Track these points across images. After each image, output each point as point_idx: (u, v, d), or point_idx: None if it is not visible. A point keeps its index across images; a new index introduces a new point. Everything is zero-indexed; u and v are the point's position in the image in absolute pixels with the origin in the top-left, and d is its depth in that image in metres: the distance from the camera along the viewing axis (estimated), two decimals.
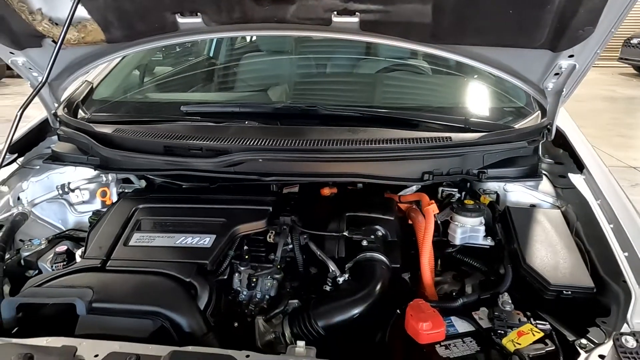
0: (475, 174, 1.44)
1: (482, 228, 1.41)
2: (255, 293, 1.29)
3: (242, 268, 1.31)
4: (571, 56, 1.22)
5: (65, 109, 1.73)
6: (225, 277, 1.31)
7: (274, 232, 1.36)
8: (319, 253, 1.30)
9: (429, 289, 1.30)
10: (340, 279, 1.23)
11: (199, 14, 1.34)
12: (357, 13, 1.30)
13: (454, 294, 1.30)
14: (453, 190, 1.57)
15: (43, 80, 1.25)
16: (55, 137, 1.78)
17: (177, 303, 1.09)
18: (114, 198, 1.63)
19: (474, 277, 1.37)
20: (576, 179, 1.48)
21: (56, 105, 1.69)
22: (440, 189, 1.59)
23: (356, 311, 1.13)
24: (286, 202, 1.47)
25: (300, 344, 0.98)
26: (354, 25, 1.34)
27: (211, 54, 2.85)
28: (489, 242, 1.41)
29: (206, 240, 1.25)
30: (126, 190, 1.66)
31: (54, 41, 1.38)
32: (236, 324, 1.21)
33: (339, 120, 1.60)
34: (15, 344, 0.97)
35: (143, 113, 1.85)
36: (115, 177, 1.69)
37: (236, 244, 1.33)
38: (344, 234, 1.32)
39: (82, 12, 1.33)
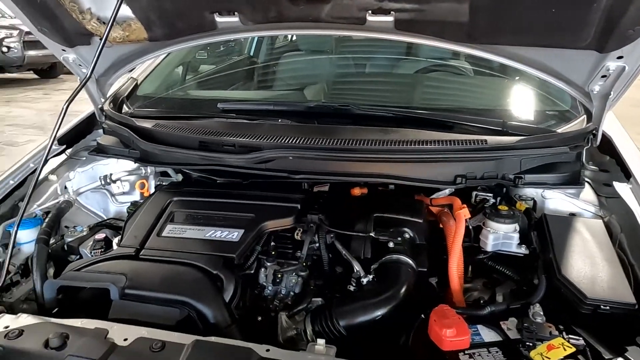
0: (512, 179, 1.38)
1: (516, 235, 1.35)
2: (280, 289, 1.30)
3: (268, 263, 1.33)
4: (620, 57, 1.15)
5: (111, 104, 1.82)
6: (252, 271, 1.33)
7: (301, 229, 1.37)
8: (344, 252, 1.30)
9: (457, 295, 1.27)
10: (365, 280, 1.22)
11: (236, 13, 1.38)
12: (391, 12, 1.28)
13: (481, 301, 1.26)
14: (487, 195, 1.52)
15: (88, 76, 1.32)
16: (101, 131, 1.88)
17: (204, 294, 1.12)
18: (152, 190, 1.70)
19: (505, 285, 1.33)
20: (622, 188, 1.39)
21: (102, 100, 1.79)
22: (474, 193, 1.54)
23: (379, 313, 1.12)
24: (315, 200, 1.47)
25: (321, 341, 0.98)
26: (388, 24, 1.32)
27: (251, 53, 2.91)
28: (523, 250, 1.35)
29: (234, 235, 1.28)
30: (163, 183, 1.73)
31: (101, 39, 1.46)
32: (260, 318, 1.23)
33: (372, 120, 1.59)
34: (54, 323, 1.03)
35: (182, 109, 1.92)
36: (154, 170, 1.76)
37: (263, 239, 1.35)
38: (371, 234, 1.31)
39: (127, 11, 1.40)
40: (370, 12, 1.30)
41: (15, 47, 9.23)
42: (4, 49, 9.15)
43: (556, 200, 1.47)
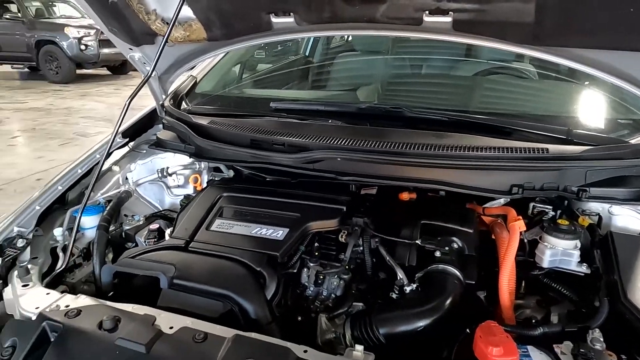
0: (575, 192, 1.29)
1: (577, 253, 1.25)
2: (322, 290, 1.30)
3: (311, 264, 1.33)
4: None
5: (171, 100, 1.90)
6: (295, 271, 1.34)
7: (345, 232, 1.36)
8: (388, 258, 1.27)
9: (506, 312, 1.20)
10: (408, 288, 1.19)
11: (291, 13, 1.39)
12: (450, 12, 1.24)
13: (533, 321, 1.18)
14: (547, 208, 1.42)
15: (149, 73, 1.39)
16: (161, 125, 1.98)
17: (246, 290, 1.14)
18: (204, 184, 1.76)
19: (562, 305, 1.23)
20: None
21: (164, 96, 1.88)
22: (532, 204, 1.44)
23: (421, 324, 1.08)
24: (362, 203, 1.46)
25: (359, 348, 0.96)
26: (446, 25, 1.28)
27: (307, 53, 2.93)
28: (583, 269, 1.25)
29: (279, 233, 1.29)
30: (215, 179, 1.78)
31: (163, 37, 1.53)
32: (300, 318, 1.23)
33: (426, 123, 1.54)
34: (108, 306, 1.10)
35: (237, 107, 1.97)
36: (207, 165, 1.82)
37: (308, 239, 1.35)
38: (417, 242, 1.28)
39: (188, 12, 1.46)
40: (427, 12, 1.27)
41: (92, 45, 10.01)
42: (82, 47, 9.94)
43: (625, 218, 1.34)
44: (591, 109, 1.69)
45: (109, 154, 1.41)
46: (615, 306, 1.09)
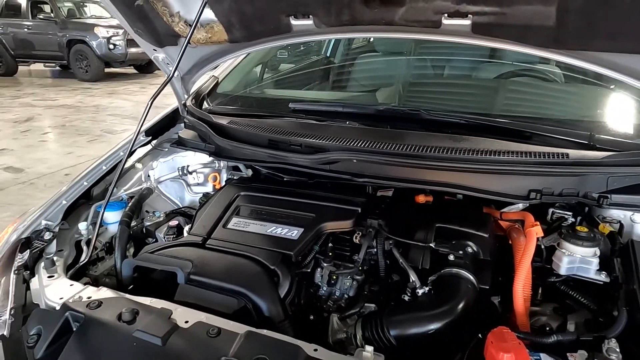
0: (595, 199, 1.26)
1: (596, 260, 1.23)
2: (335, 290, 1.31)
3: (324, 264, 1.35)
4: None
5: (193, 100, 1.95)
6: (308, 270, 1.35)
7: (360, 233, 1.37)
8: (401, 261, 1.27)
9: (520, 318, 1.18)
10: (420, 291, 1.19)
11: (310, 16, 1.41)
12: (469, 15, 1.23)
13: (547, 328, 1.16)
14: (566, 214, 1.39)
15: (171, 74, 1.43)
16: (182, 124, 2.02)
17: (260, 288, 1.17)
18: (223, 183, 1.79)
19: (579, 314, 1.21)
20: None
21: (186, 96, 1.92)
22: (551, 210, 1.42)
23: (432, 327, 1.08)
24: (377, 205, 1.46)
25: (369, 349, 0.97)
26: (465, 28, 1.27)
27: (329, 54, 2.94)
28: (602, 277, 1.22)
29: (294, 233, 1.31)
30: (234, 177, 1.81)
31: (185, 38, 1.57)
32: (312, 317, 1.25)
33: (445, 126, 1.53)
34: (128, 299, 1.14)
35: (257, 107, 2.00)
36: (226, 164, 1.86)
37: (322, 239, 1.37)
38: (431, 245, 1.27)
39: (210, 15, 1.49)
40: (446, 15, 1.26)
41: (120, 44, 10.27)
42: (111, 46, 10.21)
43: None
44: (616, 114, 1.64)
45: (131, 152, 1.46)
46: (634, 317, 1.06)
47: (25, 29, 10.70)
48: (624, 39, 1.10)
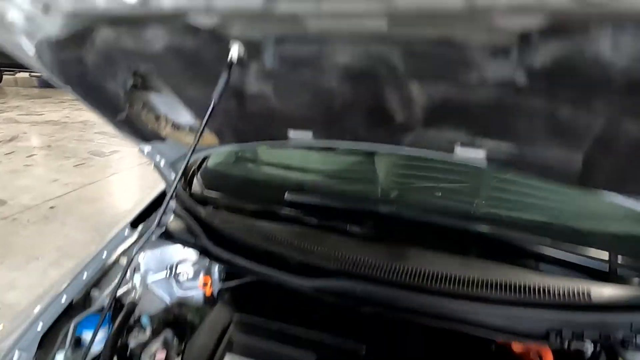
0: (619, 341, 1.17)
1: None
2: None
3: None
4: None
5: (182, 177, 1.82)
6: None
7: None
8: None
9: None
10: None
11: (311, 131, 1.29)
12: (484, 147, 1.13)
13: None
14: (586, 346, 1.30)
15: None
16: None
17: None
18: (215, 287, 1.67)
19: None
20: None
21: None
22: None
23: None
24: (382, 337, 1.35)
25: None
26: (479, 158, 1.17)
27: None
28: None
29: None
30: (227, 287, 1.67)
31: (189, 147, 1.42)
32: None
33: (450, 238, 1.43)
34: None
35: (250, 191, 1.88)
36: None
37: None
38: None
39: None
40: (460, 143, 1.16)
41: None
42: None
43: None
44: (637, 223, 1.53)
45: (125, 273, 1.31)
46: None
47: None
48: None
